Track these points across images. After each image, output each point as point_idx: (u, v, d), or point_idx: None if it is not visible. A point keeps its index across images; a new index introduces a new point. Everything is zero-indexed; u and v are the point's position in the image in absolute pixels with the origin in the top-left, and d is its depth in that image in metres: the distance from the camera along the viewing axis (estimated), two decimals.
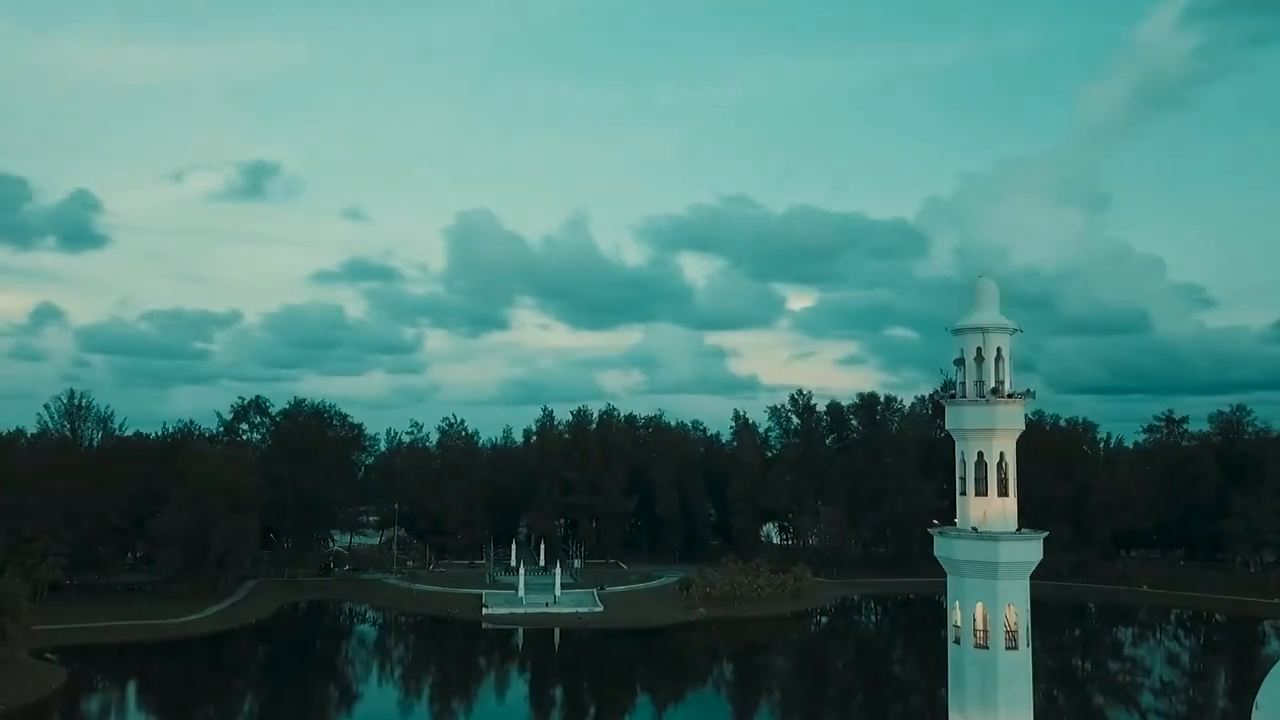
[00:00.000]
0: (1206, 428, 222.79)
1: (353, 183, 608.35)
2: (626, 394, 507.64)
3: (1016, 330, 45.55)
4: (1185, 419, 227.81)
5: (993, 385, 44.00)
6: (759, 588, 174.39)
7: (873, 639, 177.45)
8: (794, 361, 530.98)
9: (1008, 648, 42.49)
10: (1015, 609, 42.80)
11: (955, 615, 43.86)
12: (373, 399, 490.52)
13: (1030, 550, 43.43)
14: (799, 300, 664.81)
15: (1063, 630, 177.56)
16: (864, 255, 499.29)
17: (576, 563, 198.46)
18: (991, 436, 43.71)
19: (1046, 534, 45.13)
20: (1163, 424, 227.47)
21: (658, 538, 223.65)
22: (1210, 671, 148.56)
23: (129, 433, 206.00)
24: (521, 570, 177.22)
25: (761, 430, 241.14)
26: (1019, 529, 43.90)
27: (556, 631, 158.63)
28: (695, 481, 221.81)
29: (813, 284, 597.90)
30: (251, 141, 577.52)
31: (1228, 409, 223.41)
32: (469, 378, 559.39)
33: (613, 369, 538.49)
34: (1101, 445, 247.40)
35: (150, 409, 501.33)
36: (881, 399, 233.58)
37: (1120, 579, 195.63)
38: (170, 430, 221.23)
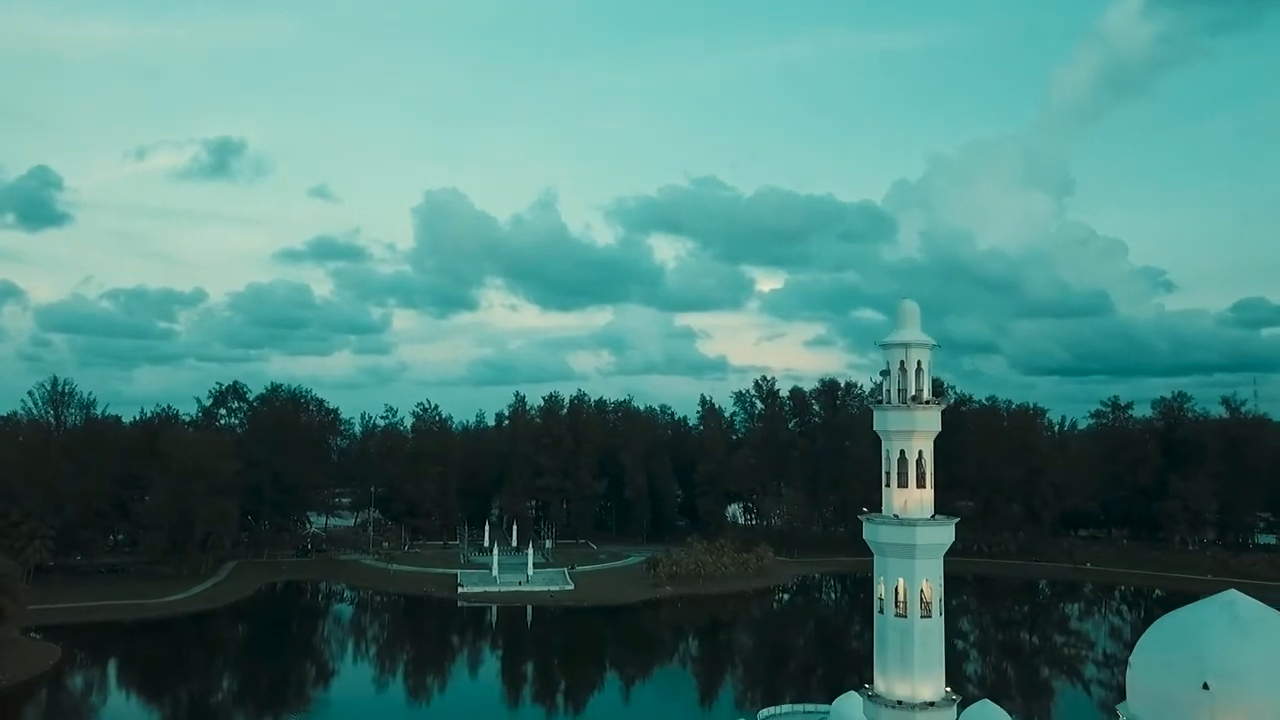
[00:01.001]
0: (1150, 413, 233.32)
1: (320, 161, 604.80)
2: (597, 375, 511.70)
3: (935, 345, 52.69)
4: (1130, 404, 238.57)
5: (913, 393, 51.18)
6: (723, 566, 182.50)
7: (832, 615, 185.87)
8: (762, 343, 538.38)
9: (923, 616, 49.86)
10: (930, 583, 50.13)
11: (880, 589, 51.16)
12: (340, 379, 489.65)
13: (943, 534, 50.73)
14: (768, 282, 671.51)
15: (1013, 606, 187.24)
16: (832, 238, 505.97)
17: (548, 543, 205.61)
18: (911, 437, 50.95)
19: (958, 519, 52.37)
20: (1109, 409, 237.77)
21: (626, 519, 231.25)
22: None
23: (108, 416, 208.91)
24: (495, 551, 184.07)
25: (727, 414, 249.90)
26: (934, 515, 51.09)
27: (529, 609, 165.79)
28: (663, 464, 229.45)
29: (781, 266, 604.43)
30: (217, 119, 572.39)
31: (1170, 395, 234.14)
32: (437, 358, 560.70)
33: (582, 350, 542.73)
34: (1058, 427, 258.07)
35: (114, 389, 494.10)
36: (842, 384, 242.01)
37: (1066, 557, 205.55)
38: (148, 414, 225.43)
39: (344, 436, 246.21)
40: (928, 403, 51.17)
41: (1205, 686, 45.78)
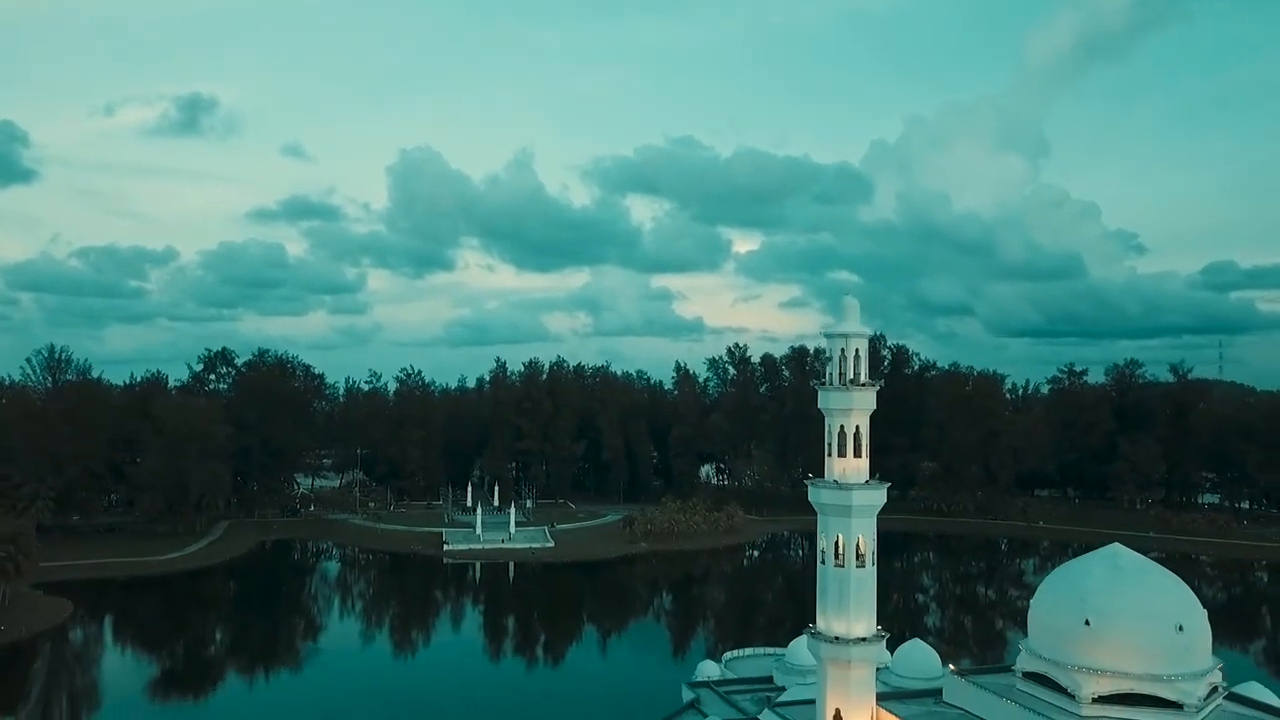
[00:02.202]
0: (1103, 379, 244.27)
1: (293, 119, 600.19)
2: (573, 336, 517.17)
3: (871, 335, 61.05)
4: (1085, 370, 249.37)
5: (851, 376, 59.63)
6: (696, 524, 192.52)
7: (799, 569, 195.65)
8: (739, 304, 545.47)
9: (858, 566, 58.70)
10: (864, 538, 58.89)
11: (822, 543, 59.93)
12: (315, 339, 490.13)
13: (875, 497, 59.41)
14: (744, 243, 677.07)
15: (970, 562, 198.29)
16: (809, 200, 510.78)
17: (529, 503, 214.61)
18: (849, 414, 59.44)
19: (889, 484, 61.01)
20: (1065, 375, 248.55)
21: (604, 479, 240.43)
22: None
23: (102, 381, 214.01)
24: (479, 510, 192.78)
25: (701, 380, 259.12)
26: (867, 481, 59.76)
27: (511, 565, 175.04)
28: (639, 428, 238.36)
29: (758, 227, 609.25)
30: (187, 75, 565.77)
31: (1124, 361, 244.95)
32: (413, 319, 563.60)
33: (559, 311, 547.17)
34: (1022, 390, 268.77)
35: (84, 349, 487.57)
36: (811, 351, 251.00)
37: (1021, 516, 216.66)
38: (136, 378, 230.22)
39: (328, 400, 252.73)
40: (864, 385, 59.55)
41: (1087, 623, 55.21)
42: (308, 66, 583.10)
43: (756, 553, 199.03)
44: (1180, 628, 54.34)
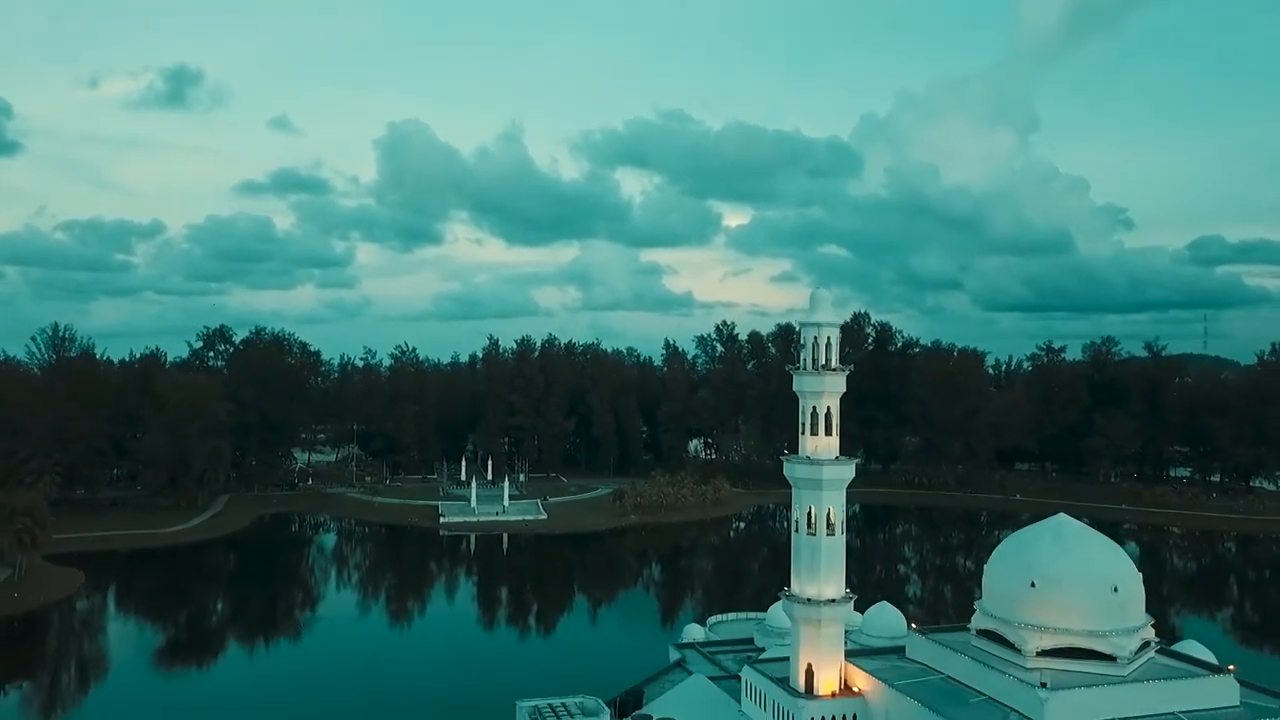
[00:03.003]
0: (1080, 356, 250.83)
1: (280, 92, 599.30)
2: (563, 311, 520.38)
3: (841, 324, 66.60)
4: (1064, 348, 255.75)
5: (823, 362, 65.12)
6: (684, 497, 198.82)
7: (783, 540, 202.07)
8: (728, 279, 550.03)
9: (828, 535, 64.45)
10: (834, 509, 64.60)
11: (796, 513, 65.64)
12: (304, 313, 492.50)
13: (844, 471, 65.08)
14: (734, 218, 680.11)
15: (949, 533, 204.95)
16: (799, 174, 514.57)
17: (521, 477, 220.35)
18: (821, 396, 65.00)
19: (858, 460, 66.73)
20: (1044, 352, 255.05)
21: (594, 454, 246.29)
22: None
23: (104, 359, 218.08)
24: (473, 484, 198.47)
25: (689, 357, 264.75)
26: (836, 457, 65.37)
27: (505, 537, 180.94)
28: (629, 403, 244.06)
29: (748, 202, 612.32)
30: (173, 48, 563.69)
31: (1099, 339, 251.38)
32: (402, 292, 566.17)
33: (549, 285, 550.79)
34: (1005, 366, 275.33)
35: (71, 322, 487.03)
36: (798, 327, 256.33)
37: (999, 489, 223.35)
38: (135, 354, 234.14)
39: (323, 377, 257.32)
40: (834, 370, 65.10)
41: (1032, 585, 61.09)
42: (294, 38, 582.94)
43: (742, 524, 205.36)
44: (1115, 589, 60.24)
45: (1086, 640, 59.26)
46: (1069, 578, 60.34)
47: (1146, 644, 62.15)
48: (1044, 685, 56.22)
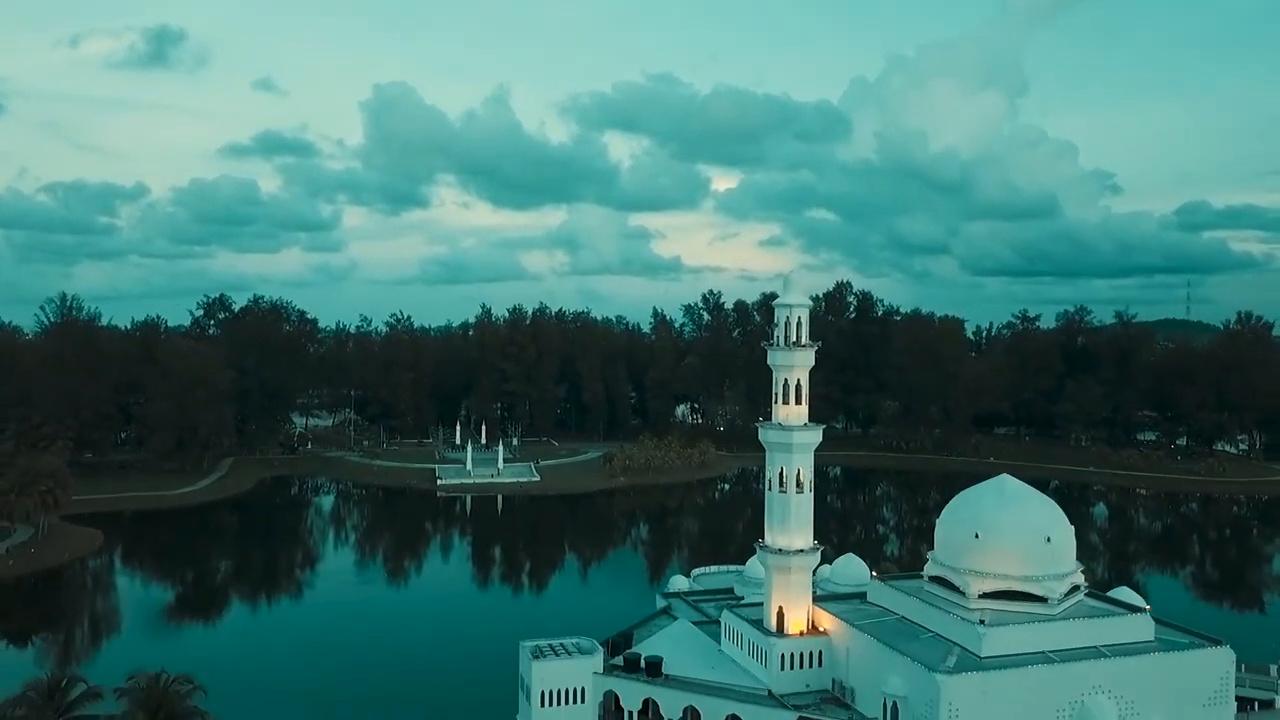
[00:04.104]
0: (1053, 324, 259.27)
1: (264, 53, 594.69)
2: (551, 275, 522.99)
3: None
4: (1039, 316, 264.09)
5: (794, 339, 72.70)
6: (671, 460, 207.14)
7: (764, 501, 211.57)
8: (717, 243, 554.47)
9: (798, 492, 72.41)
10: (803, 470, 72.49)
11: (769, 473, 73.55)
12: (290, 277, 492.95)
13: (812, 436, 72.87)
14: (723, 181, 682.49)
15: (925, 494, 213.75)
16: (788, 138, 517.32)
17: (514, 440, 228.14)
18: (791, 370, 72.64)
19: (824, 426, 74.52)
20: (1020, 320, 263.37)
21: (584, 419, 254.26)
22: None
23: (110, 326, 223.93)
24: (469, 447, 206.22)
25: (677, 324, 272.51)
26: (805, 424, 73.14)
27: (499, 498, 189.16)
28: (618, 370, 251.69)
29: (737, 165, 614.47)
30: (154, 7, 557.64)
31: (1073, 308, 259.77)
32: (389, 256, 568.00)
33: (536, 249, 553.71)
34: (985, 333, 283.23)
35: (55, 285, 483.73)
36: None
37: (974, 452, 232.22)
38: (123, 319, 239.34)
39: (320, 343, 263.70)
40: (804, 346, 72.71)
41: (976, 536, 69.23)
42: None
43: (726, 486, 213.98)
44: (1048, 539, 68.46)
45: (1022, 584, 67.52)
46: (1007, 530, 68.51)
47: (1076, 588, 70.51)
48: (982, 622, 64.62)
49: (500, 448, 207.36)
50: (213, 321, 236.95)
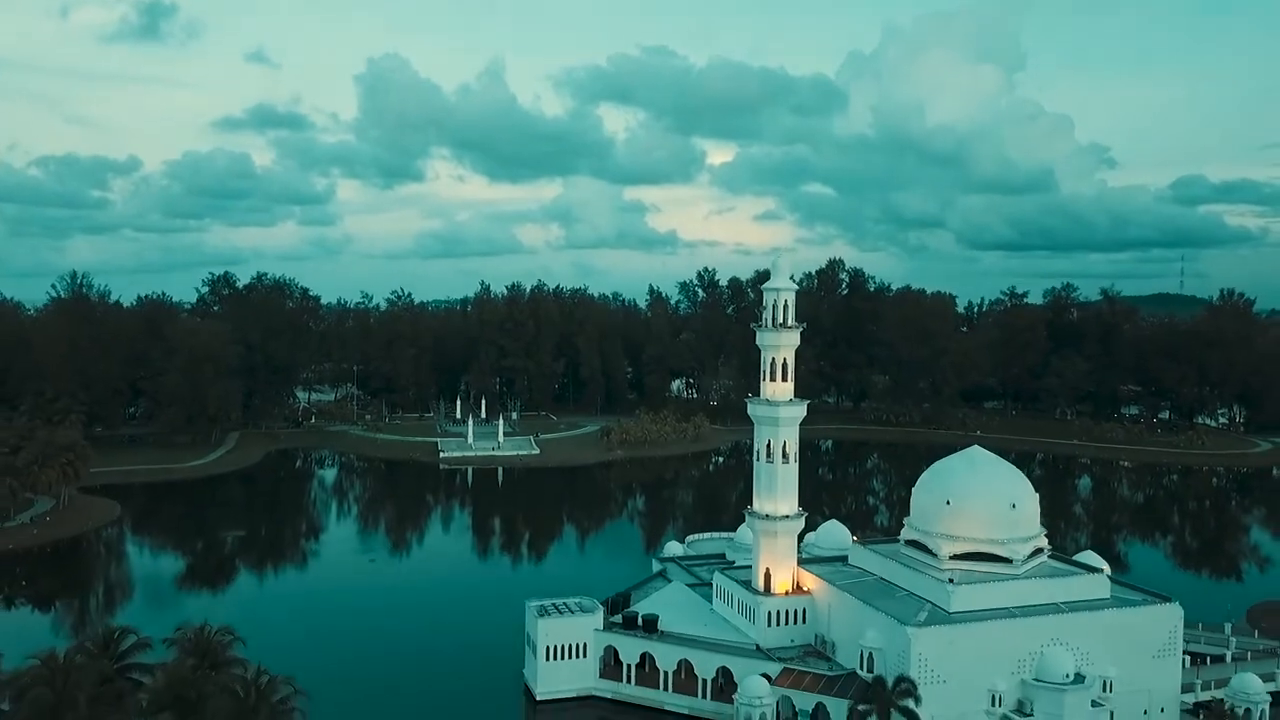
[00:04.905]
0: (1041, 301, 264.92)
1: (256, 25, 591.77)
2: (546, 249, 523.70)
3: (797, 288, 79.60)
4: (1026, 293, 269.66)
5: (780, 321, 78.28)
6: (666, 434, 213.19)
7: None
8: (712, 217, 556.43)
9: (784, 462, 78.25)
10: (789, 442, 78.34)
11: (757, 445, 79.36)
12: (285, 250, 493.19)
13: (797, 411, 78.66)
14: (719, 155, 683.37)
15: (912, 467, 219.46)
16: (784, 111, 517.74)
17: (514, 414, 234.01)
18: (778, 349, 78.32)
19: (813, 401, 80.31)
20: (1008, 298, 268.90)
21: (582, 393, 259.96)
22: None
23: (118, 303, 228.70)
24: (470, 421, 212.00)
25: (672, 301, 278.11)
26: (791, 400, 78.87)
27: (500, 470, 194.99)
28: (615, 346, 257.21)
29: (732, 139, 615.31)
30: None
31: (1064, 283, 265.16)
32: (384, 230, 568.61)
33: (531, 223, 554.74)
34: (976, 309, 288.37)
35: (47, 260, 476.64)
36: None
37: (961, 426, 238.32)
38: (139, 299, 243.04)
39: (322, 319, 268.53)
40: (790, 327, 78.35)
41: (948, 503, 75.20)
42: None
43: (720, 459, 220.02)
44: (1014, 506, 74.54)
45: (988, 546, 73.64)
46: (976, 497, 74.59)
47: (1039, 550, 76.68)
48: (951, 581, 70.71)
49: (500, 422, 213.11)
50: (217, 299, 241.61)
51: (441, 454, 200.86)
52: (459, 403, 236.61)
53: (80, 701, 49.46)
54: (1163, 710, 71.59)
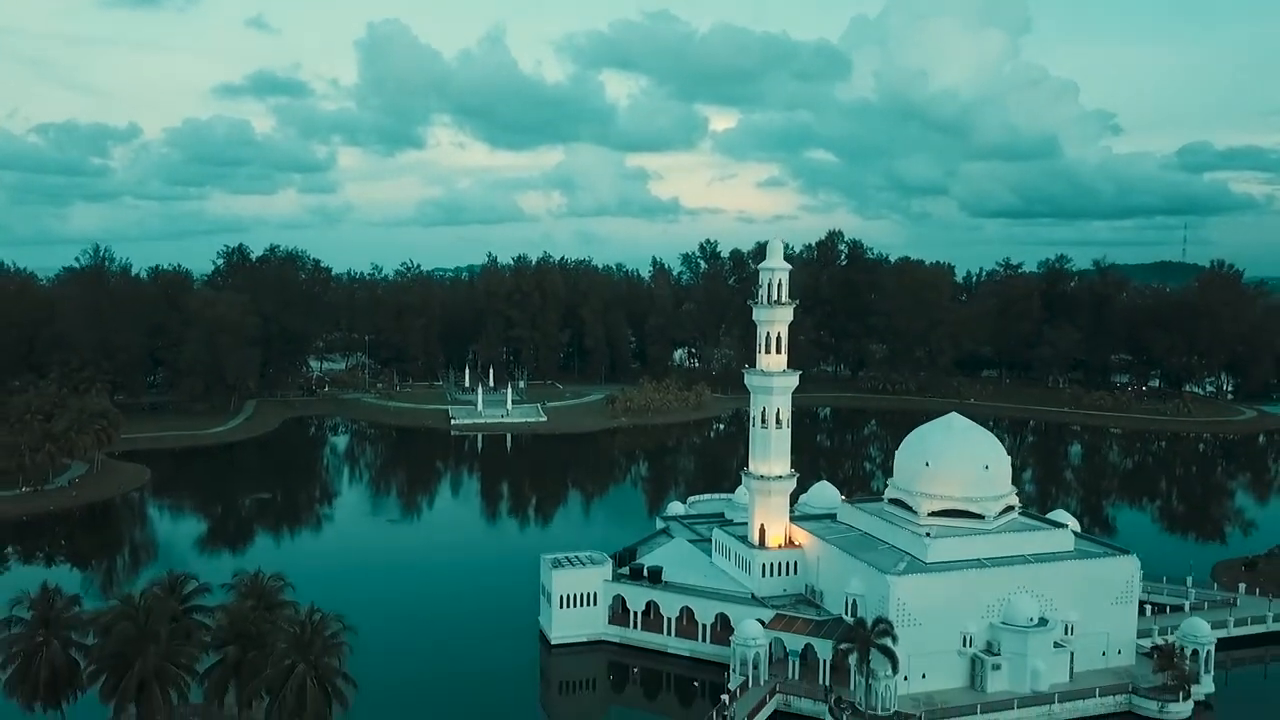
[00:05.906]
0: (1036, 271, 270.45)
1: None
2: (548, 216, 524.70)
3: (790, 268, 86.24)
4: (1021, 264, 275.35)
5: (775, 298, 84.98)
6: (669, 402, 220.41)
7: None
8: (715, 184, 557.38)
9: (777, 428, 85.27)
10: (782, 409, 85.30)
11: (753, 412, 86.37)
12: (286, 218, 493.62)
13: (789, 381, 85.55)
14: (721, 121, 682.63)
15: (905, 433, 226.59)
16: (787, 77, 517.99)
17: (521, 383, 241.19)
18: (773, 324, 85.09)
19: (801, 372, 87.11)
20: (1003, 269, 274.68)
21: (587, 362, 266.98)
22: (1025, 464, 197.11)
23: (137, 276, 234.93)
24: (479, 389, 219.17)
25: (675, 272, 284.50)
26: (784, 370, 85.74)
27: (509, 437, 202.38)
28: (618, 316, 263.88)
29: (735, 105, 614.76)
30: None
31: (1053, 256, 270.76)
32: (385, 197, 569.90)
33: (533, 190, 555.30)
34: (975, 278, 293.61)
35: (48, 228, 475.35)
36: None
37: (955, 394, 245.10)
38: (151, 269, 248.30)
39: (333, 290, 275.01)
40: (783, 304, 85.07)
41: (926, 464, 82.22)
42: None
43: (721, 426, 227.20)
44: (987, 467, 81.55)
45: (963, 504, 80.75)
46: (952, 459, 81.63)
47: (1010, 508, 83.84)
48: (929, 535, 77.91)
49: (508, 390, 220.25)
50: (231, 270, 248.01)
51: (453, 421, 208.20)
52: (467, 372, 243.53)
53: (161, 635, 56.78)
54: (1120, 652, 78.93)
